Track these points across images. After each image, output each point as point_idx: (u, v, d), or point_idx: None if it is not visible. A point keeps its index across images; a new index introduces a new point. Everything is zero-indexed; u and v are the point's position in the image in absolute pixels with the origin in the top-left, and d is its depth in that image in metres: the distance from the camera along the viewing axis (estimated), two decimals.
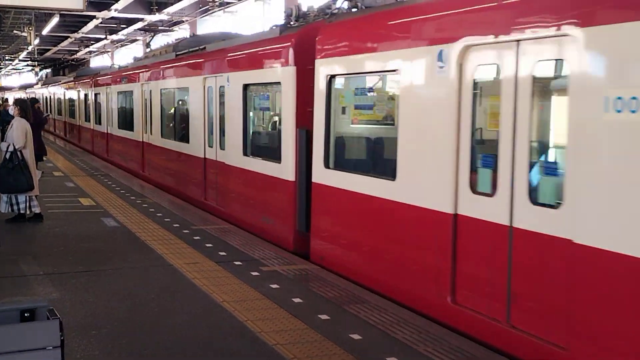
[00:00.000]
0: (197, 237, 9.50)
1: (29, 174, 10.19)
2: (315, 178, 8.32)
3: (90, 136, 25.32)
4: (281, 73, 9.19)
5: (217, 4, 23.60)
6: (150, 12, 25.77)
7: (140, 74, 17.22)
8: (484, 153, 5.84)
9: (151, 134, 16.29)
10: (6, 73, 72.19)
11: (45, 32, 29.86)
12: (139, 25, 27.95)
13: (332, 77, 8.04)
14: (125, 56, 38.24)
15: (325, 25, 8.44)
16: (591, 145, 4.71)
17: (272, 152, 9.71)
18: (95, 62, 42.86)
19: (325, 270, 7.90)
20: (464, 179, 5.92)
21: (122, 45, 40.20)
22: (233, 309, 6.33)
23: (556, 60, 5.25)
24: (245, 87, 10.46)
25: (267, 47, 9.85)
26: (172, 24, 26.17)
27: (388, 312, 6.29)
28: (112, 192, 13.92)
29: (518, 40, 5.34)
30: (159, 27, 23.31)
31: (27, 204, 10.49)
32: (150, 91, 16.11)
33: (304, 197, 8.67)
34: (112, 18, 27.22)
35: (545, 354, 5.08)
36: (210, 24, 25.96)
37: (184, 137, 13.67)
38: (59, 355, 3.18)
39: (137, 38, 35.35)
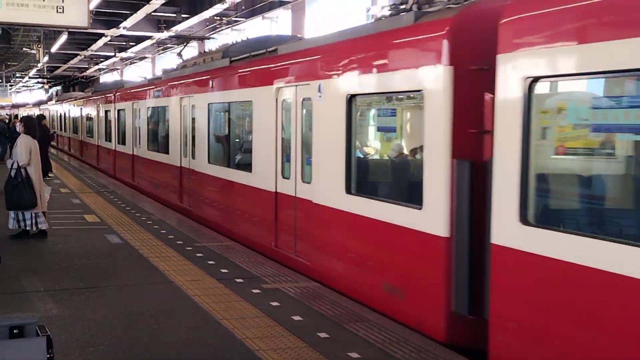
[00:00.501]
0: (200, 255, 9.48)
1: (32, 191, 10.20)
2: (503, 239, 5.32)
3: (111, 158, 22.21)
4: (425, 77, 6.42)
5: (224, 21, 23.78)
6: (159, 29, 26.00)
7: (179, 87, 14.57)
8: None
9: (193, 157, 13.47)
10: (17, 90, 72.88)
11: (54, 49, 30.19)
12: (149, 42, 28.18)
13: (536, 80, 5.11)
14: (135, 73, 38.55)
15: (516, 3, 5.43)
16: None
17: (404, 192, 7.32)
18: (105, 79, 43.10)
19: (326, 288, 7.77)
20: None
21: (131, 63, 40.57)
22: (232, 327, 6.29)
23: None
24: (351, 99, 7.69)
25: (398, 41, 7.07)
26: (183, 40, 26.34)
27: (388, 331, 6.23)
28: (117, 209, 13.93)
29: None
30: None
31: (33, 221, 10.50)
32: (193, 106, 13.52)
33: (466, 263, 5.89)
34: (121, 36, 27.44)
35: None
36: (219, 42, 26.08)
37: (244, 165, 11.04)
38: None
39: (147, 55, 35.64)
